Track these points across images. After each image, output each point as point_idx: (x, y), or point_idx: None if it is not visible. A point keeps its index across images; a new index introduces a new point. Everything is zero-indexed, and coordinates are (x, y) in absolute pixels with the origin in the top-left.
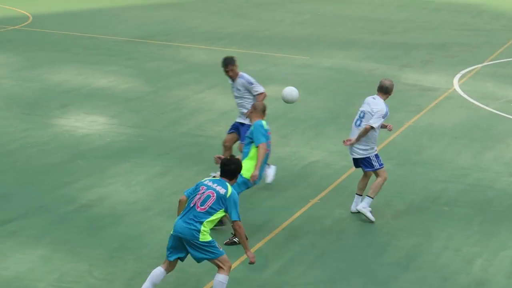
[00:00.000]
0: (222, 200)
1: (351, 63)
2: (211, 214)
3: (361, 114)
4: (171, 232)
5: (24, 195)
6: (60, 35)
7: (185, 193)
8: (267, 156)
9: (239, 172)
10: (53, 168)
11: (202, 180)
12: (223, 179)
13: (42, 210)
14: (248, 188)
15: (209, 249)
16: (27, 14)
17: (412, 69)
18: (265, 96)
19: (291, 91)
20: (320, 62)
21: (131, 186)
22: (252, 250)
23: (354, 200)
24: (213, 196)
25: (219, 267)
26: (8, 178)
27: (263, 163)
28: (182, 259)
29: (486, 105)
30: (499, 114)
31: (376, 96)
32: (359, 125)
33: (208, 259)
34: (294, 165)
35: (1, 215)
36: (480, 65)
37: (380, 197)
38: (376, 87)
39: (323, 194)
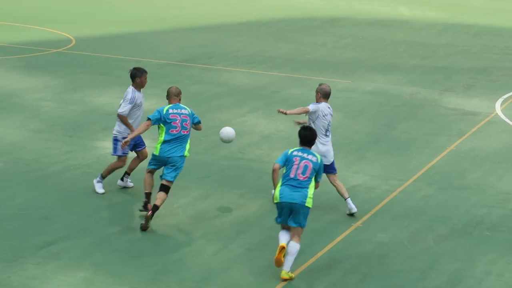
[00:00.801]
0: (316, 167)
1: (392, 87)
2: (310, 180)
3: (329, 124)
4: (278, 201)
5: (66, 217)
6: (103, 58)
7: (278, 162)
8: (183, 136)
9: (315, 138)
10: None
11: (289, 152)
12: (305, 147)
13: (84, 232)
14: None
15: (306, 217)
16: (70, 37)
17: (454, 93)
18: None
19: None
20: (361, 86)
21: (173, 209)
22: (294, 273)
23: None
24: (310, 165)
25: (295, 236)
26: (51, 200)
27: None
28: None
29: None
30: None
31: (328, 105)
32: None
33: (300, 225)
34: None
35: (44, 237)
36: None
37: (422, 221)
38: (417, 112)
39: (365, 218)
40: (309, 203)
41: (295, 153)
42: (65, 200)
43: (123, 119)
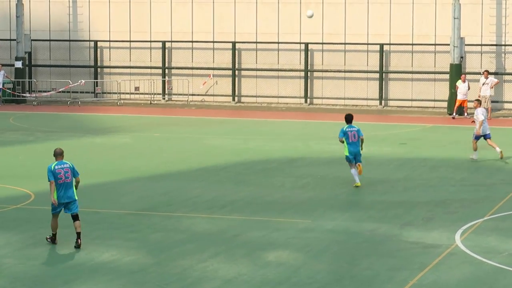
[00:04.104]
0: (358, 132)
1: (352, 224)
2: (359, 139)
3: None
4: (348, 154)
5: None
6: (62, 212)
7: (341, 136)
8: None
9: (353, 118)
10: None
11: (344, 128)
12: (350, 124)
13: None
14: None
15: (360, 156)
16: (29, 192)
17: (414, 227)
18: None
19: None
20: (322, 225)
21: None
22: None
23: None
24: (356, 133)
25: (359, 167)
26: None
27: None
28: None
29: (489, 260)
30: (503, 268)
31: None
32: None
33: (360, 162)
34: None
35: None
36: (481, 220)
37: None
38: (378, 247)
39: None
40: (360, 151)
41: (347, 129)
42: None
43: None
